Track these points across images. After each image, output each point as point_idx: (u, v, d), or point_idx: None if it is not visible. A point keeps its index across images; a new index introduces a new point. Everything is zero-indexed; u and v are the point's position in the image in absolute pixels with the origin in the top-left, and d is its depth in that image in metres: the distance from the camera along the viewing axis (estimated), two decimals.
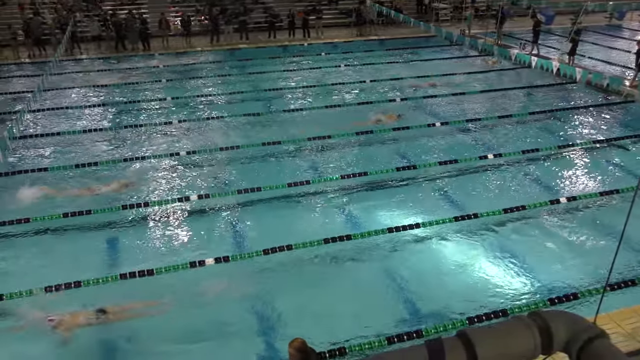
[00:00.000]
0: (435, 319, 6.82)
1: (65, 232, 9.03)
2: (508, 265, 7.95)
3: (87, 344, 6.63)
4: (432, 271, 7.92)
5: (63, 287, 7.34)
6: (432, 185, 10.59)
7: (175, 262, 7.91)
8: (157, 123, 14.20)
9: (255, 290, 7.47)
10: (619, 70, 18.76)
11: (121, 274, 7.61)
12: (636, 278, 7.38)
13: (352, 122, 13.71)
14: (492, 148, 12.30)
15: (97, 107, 15.86)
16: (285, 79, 18.58)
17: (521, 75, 18.73)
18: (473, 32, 24.32)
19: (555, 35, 24.18)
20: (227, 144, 12.42)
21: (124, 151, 12.40)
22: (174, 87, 17.84)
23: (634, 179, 10.44)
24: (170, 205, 9.79)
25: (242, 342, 6.58)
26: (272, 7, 26.62)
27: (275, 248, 8.09)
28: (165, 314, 7.01)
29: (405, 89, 17.10)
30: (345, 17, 27.20)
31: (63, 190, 10.46)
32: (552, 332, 2.26)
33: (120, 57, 21.64)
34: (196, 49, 22.93)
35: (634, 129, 13.33)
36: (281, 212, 9.66)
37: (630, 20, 28.21)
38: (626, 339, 5.96)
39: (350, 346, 6.22)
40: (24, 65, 20.88)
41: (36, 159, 12.14)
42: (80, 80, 18.69)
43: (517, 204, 9.37)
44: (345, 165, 11.38)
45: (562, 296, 7.04)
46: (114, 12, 24.50)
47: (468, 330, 2.27)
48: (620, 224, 4.64)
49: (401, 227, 8.69)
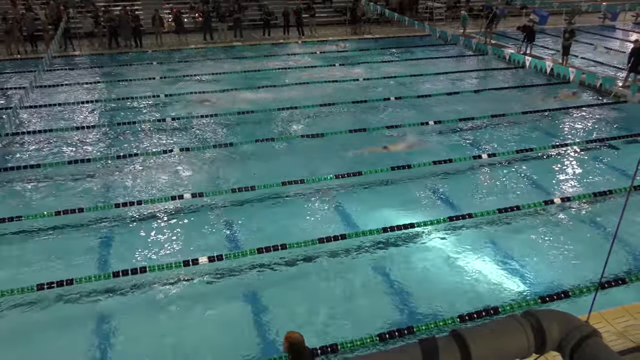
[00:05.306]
0: (428, 316, 6.85)
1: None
2: (501, 264, 7.98)
3: None
4: (425, 269, 7.93)
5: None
6: (427, 185, 10.61)
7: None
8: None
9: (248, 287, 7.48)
10: (613, 71, 18.86)
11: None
12: (627, 277, 7.43)
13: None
14: (485, 148, 12.33)
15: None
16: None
17: (516, 75, 18.83)
18: (468, 32, 24.39)
19: (550, 36, 24.28)
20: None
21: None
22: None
23: (627, 179, 10.51)
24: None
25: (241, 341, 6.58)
26: (266, 5, 26.56)
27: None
28: None
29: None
30: (340, 16, 27.21)
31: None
32: (545, 331, 2.27)
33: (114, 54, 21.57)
34: (189, 47, 22.87)
35: (627, 129, 13.42)
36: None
37: (623, 21, 28.36)
38: (618, 338, 6.01)
39: (342, 343, 6.22)
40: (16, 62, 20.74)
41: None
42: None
43: (510, 204, 9.40)
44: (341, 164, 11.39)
45: (554, 294, 7.08)
46: (107, 8, 24.35)
47: (462, 329, 2.28)
48: (613, 224, 4.67)
49: (395, 227, 8.69)
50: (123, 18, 22.38)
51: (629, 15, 28.84)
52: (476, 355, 2.16)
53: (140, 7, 25.55)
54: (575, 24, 23.17)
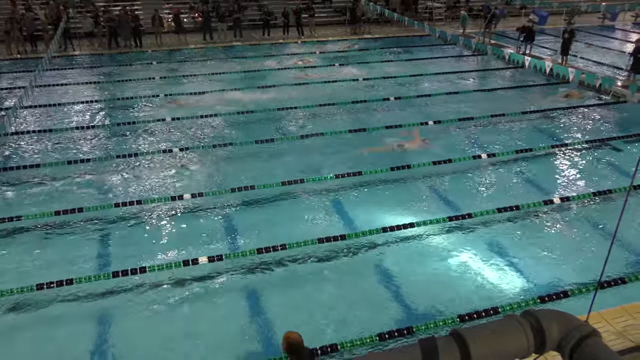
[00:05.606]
0: (427, 316, 6.84)
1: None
2: (500, 263, 7.98)
3: None
4: (424, 269, 7.93)
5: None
6: (426, 185, 10.61)
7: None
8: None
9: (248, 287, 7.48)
10: (612, 71, 18.85)
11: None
12: (626, 277, 7.44)
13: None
14: (485, 148, 12.34)
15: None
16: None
17: (515, 75, 18.83)
18: (467, 32, 24.39)
19: (549, 36, 24.28)
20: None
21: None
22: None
23: (627, 179, 10.52)
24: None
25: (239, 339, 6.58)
26: (266, 5, 26.55)
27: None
28: None
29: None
30: (340, 15, 27.20)
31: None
32: (545, 331, 2.27)
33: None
34: (189, 47, 22.86)
35: (626, 129, 13.42)
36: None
37: (622, 21, 28.36)
38: (617, 337, 6.01)
39: (342, 343, 6.22)
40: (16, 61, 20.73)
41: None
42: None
43: (510, 204, 9.40)
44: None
45: (554, 294, 7.08)
46: (106, 8, 24.33)
47: (461, 329, 2.28)
48: (612, 224, 4.67)
49: (395, 227, 8.69)
50: (123, 18, 22.36)
51: (629, 15, 28.83)
52: (476, 355, 2.16)
53: (140, 7, 25.52)
54: (574, 24, 23.16)
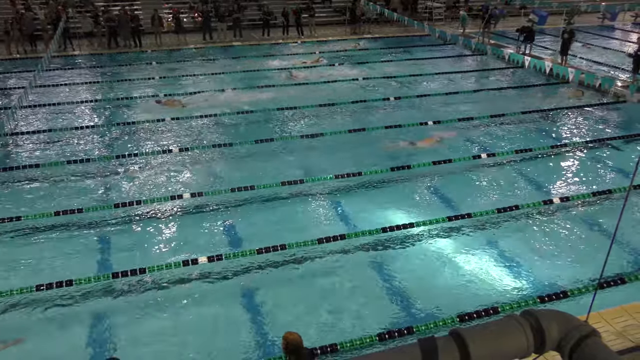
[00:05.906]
0: (427, 316, 6.85)
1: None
2: (500, 263, 7.99)
3: None
4: (424, 269, 7.93)
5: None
6: (426, 185, 10.61)
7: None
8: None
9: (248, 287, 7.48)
10: (612, 71, 18.86)
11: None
12: (626, 277, 7.44)
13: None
14: (485, 148, 12.34)
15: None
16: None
17: (515, 75, 18.83)
18: (467, 32, 24.38)
19: (549, 36, 24.28)
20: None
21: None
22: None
23: (626, 179, 10.52)
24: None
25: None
26: (266, 4, 26.54)
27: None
28: None
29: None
30: (340, 15, 27.19)
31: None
32: (544, 330, 2.27)
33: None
34: (189, 46, 22.85)
35: (626, 129, 13.42)
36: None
37: (622, 21, 28.37)
38: (617, 337, 6.01)
39: (342, 343, 6.22)
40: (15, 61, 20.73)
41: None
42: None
43: (510, 204, 9.40)
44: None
45: (553, 294, 7.08)
46: (106, 8, 24.32)
47: (461, 329, 2.28)
48: (612, 224, 4.67)
49: (395, 227, 8.69)
50: (122, 18, 22.35)
51: (628, 15, 28.84)
52: (475, 355, 2.16)
53: (139, 7, 25.53)
54: (574, 24, 23.17)
